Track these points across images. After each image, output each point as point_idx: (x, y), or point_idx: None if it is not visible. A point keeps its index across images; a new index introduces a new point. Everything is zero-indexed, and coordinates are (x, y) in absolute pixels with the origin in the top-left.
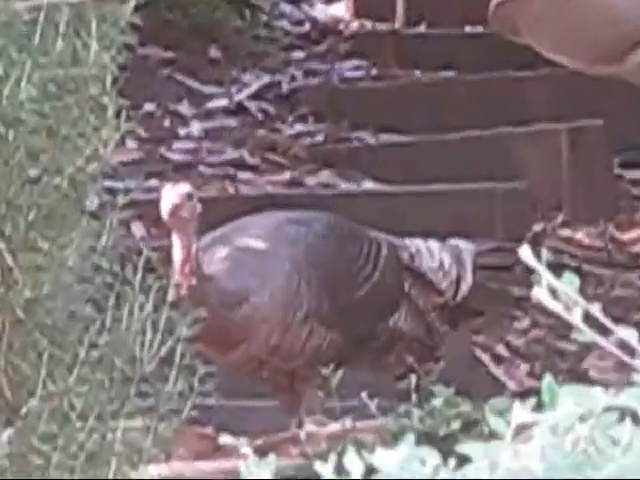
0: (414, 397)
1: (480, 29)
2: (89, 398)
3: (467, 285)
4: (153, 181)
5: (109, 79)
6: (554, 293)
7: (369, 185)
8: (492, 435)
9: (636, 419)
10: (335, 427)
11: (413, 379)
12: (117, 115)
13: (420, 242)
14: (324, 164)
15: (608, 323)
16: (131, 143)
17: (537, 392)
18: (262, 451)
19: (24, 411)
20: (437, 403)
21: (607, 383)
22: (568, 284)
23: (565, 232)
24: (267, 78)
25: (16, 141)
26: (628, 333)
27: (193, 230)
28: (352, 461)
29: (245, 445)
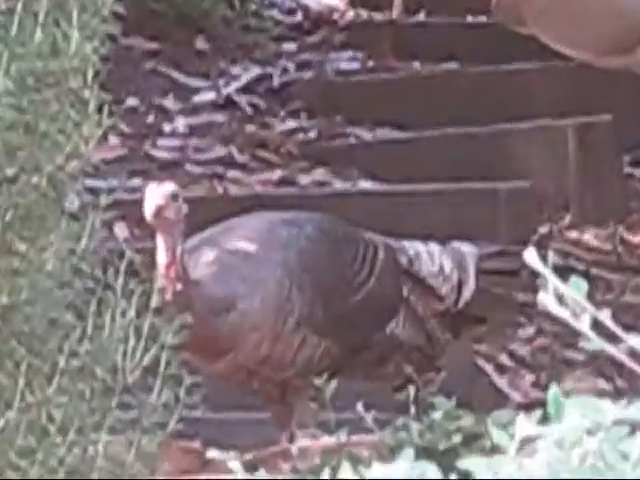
0: (413, 409)
1: (483, 19)
2: (69, 410)
3: (469, 291)
4: (137, 180)
5: (90, 72)
6: (561, 299)
7: (365, 184)
8: (495, 449)
9: None
10: (329, 441)
11: (412, 390)
12: (99, 110)
13: (420, 245)
14: (317, 162)
15: (618, 331)
16: (113, 140)
17: (542, 404)
18: (252, 466)
19: (0, 424)
20: (437, 416)
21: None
22: (576, 289)
23: (572, 234)
24: (257, 71)
25: None
26: (639, 341)
27: (179, 232)
28: (347, 477)
29: (234, 460)
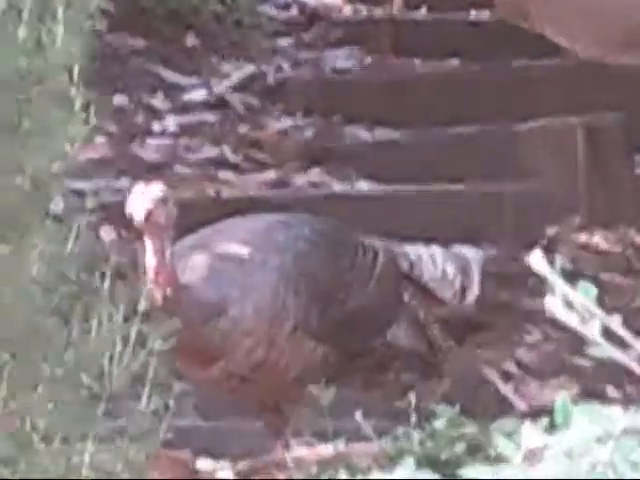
0: (414, 417)
1: (486, 14)
2: (54, 418)
3: (473, 296)
4: (124, 181)
5: (76, 69)
6: (569, 304)
7: (363, 185)
8: (500, 459)
9: None
10: (326, 450)
11: (413, 398)
12: (85, 109)
13: (422, 249)
14: (313, 162)
15: (628, 337)
16: (100, 139)
17: (549, 412)
18: (244, 476)
19: None
20: (439, 424)
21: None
22: (584, 294)
23: (581, 237)
24: (250, 68)
25: None
26: None
27: (168, 236)
28: None
29: (225, 470)
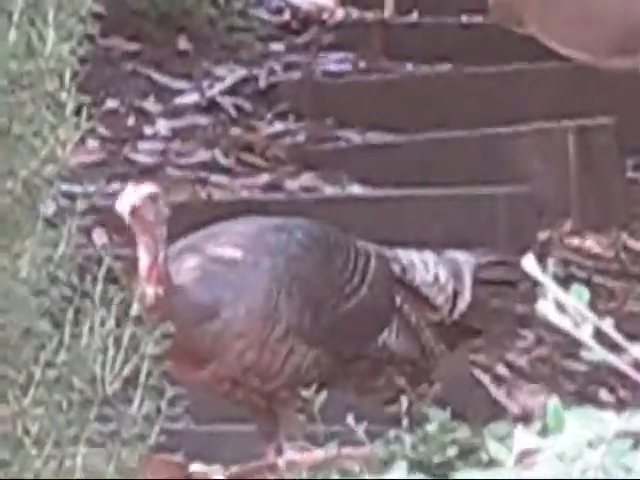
0: (405, 421)
1: (479, 18)
2: (45, 422)
3: (465, 302)
4: (116, 185)
5: (68, 73)
6: (561, 307)
7: (356, 189)
8: (492, 463)
9: None
10: (318, 454)
11: (404, 402)
12: (77, 113)
13: (413, 254)
14: (306, 166)
15: (621, 340)
16: (92, 143)
17: (542, 416)
18: None
19: None
20: (431, 428)
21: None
22: (577, 297)
23: (573, 241)
24: (243, 72)
25: None
26: None
27: (160, 235)
28: None
29: (218, 474)
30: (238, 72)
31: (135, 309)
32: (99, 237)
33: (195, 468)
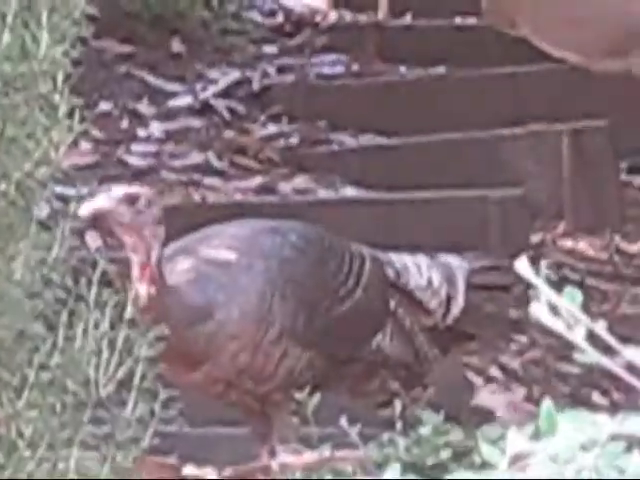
0: (399, 424)
1: (473, 21)
2: (39, 424)
3: (458, 307)
4: (109, 187)
5: (61, 75)
6: (554, 310)
7: (349, 192)
8: (485, 465)
9: None
10: (312, 457)
11: (398, 405)
12: (70, 115)
13: (407, 257)
14: (299, 169)
15: (614, 343)
16: (85, 145)
17: (535, 419)
18: None
19: None
20: (425, 431)
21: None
22: (570, 300)
23: (567, 243)
24: (236, 74)
25: None
26: (636, 354)
27: (152, 235)
28: None
29: (212, 476)
30: (231, 75)
31: (129, 312)
32: (93, 240)
33: (189, 470)
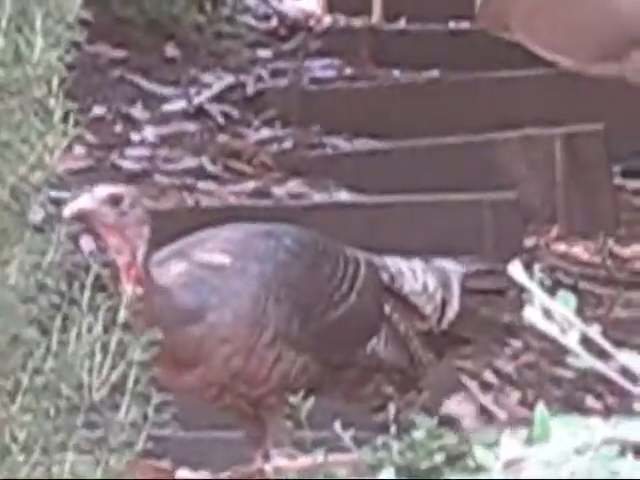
0: (393, 428)
1: (466, 25)
2: (33, 429)
3: (453, 312)
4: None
5: (55, 80)
6: (548, 314)
7: (343, 196)
8: (479, 469)
9: (639, 452)
10: (306, 460)
11: (392, 409)
12: (64, 119)
13: (402, 262)
14: (293, 173)
15: (608, 347)
16: (79, 150)
17: (529, 423)
18: None
19: None
20: (418, 435)
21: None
22: (563, 304)
23: (560, 247)
24: (230, 78)
25: None
26: (630, 358)
27: (137, 235)
28: None
29: None
30: (225, 79)
31: (122, 315)
32: (87, 244)
33: (182, 474)
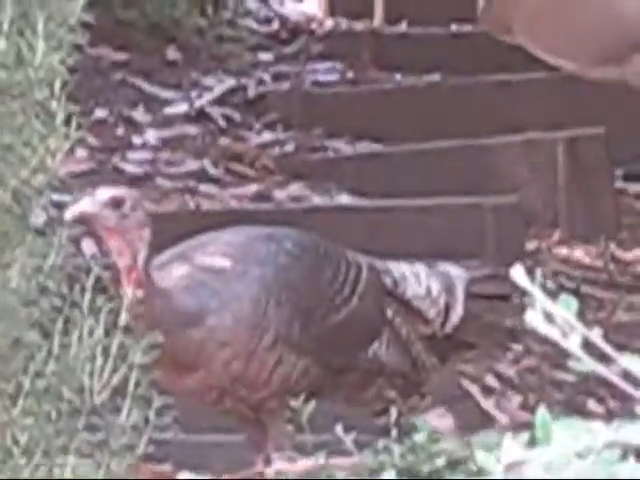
0: (394, 431)
1: (468, 28)
2: (34, 432)
3: (457, 316)
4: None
5: (57, 83)
6: (550, 317)
7: (344, 199)
8: (481, 472)
9: None
10: (307, 464)
11: (394, 413)
12: (66, 122)
13: (405, 266)
14: (294, 176)
15: (609, 351)
16: (81, 153)
17: (530, 426)
18: None
19: None
20: (420, 438)
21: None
22: (565, 307)
23: (562, 251)
24: (231, 82)
25: None
26: (632, 362)
27: (139, 238)
28: None
29: None
30: (227, 82)
31: (123, 319)
32: (88, 247)
33: (183, 477)
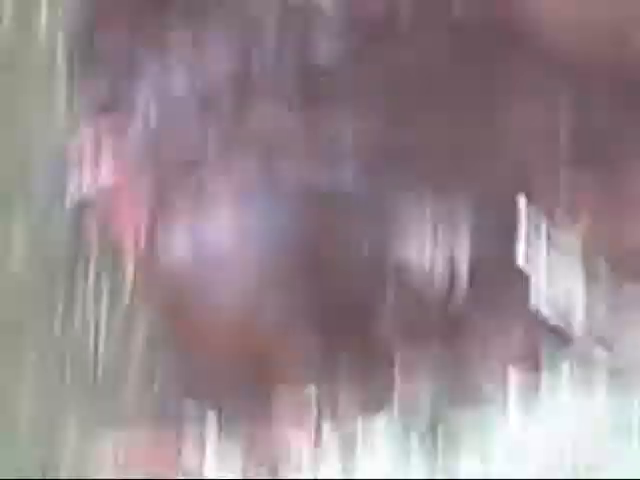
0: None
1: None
2: (38, 406)
3: (460, 294)
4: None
5: (60, 68)
6: (552, 300)
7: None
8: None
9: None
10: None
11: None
12: (70, 105)
13: (408, 248)
14: None
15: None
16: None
17: None
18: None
19: None
20: None
21: None
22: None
23: None
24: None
25: None
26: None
27: (143, 217)
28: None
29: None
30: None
31: (128, 297)
32: (91, 227)
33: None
